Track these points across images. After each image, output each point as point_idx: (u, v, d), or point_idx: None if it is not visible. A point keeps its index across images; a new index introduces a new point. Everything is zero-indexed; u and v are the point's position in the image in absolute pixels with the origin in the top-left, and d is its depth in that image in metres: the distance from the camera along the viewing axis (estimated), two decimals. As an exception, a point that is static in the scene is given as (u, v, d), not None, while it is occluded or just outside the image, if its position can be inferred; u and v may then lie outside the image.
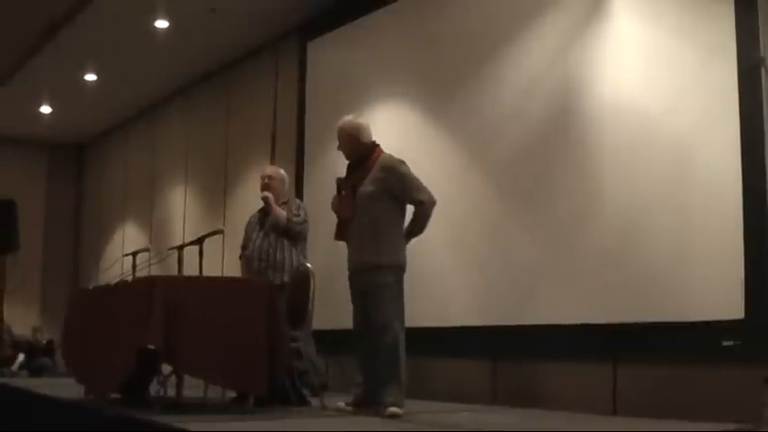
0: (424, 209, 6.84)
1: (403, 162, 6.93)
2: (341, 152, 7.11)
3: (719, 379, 6.45)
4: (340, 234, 7.00)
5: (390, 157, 6.98)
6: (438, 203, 6.94)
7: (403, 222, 6.91)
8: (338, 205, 6.96)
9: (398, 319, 6.73)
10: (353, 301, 6.99)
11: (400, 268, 6.85)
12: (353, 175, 6.96)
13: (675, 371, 6.79)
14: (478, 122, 8.78)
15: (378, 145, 7.06)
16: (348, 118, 7.19)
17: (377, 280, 6.73)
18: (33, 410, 8.23)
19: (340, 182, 6.99)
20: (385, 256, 6.74)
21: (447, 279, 8.83)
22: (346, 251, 7.01)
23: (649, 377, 6.99)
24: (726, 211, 6.55)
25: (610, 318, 7.26)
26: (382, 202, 6.79)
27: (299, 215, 7.87)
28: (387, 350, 6.63)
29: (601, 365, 7.35)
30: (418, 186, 6.84)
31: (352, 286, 6.99)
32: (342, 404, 6.91)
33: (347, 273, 7.00)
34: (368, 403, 6.79)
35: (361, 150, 6.99)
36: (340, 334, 7.47)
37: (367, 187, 6.82)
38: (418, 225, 6.89)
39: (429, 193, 6.84)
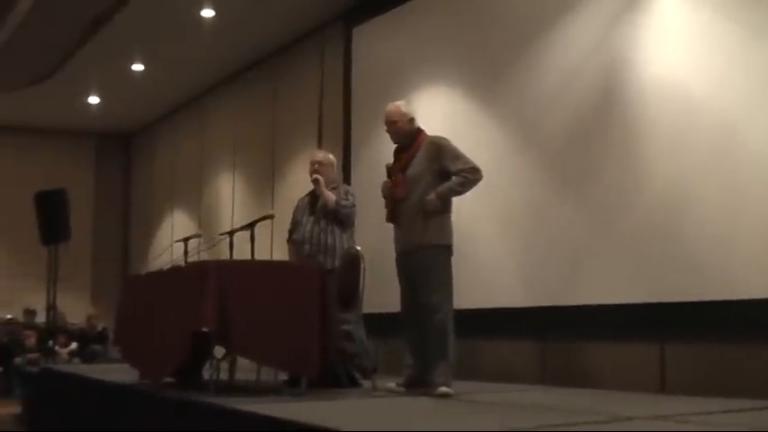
0: (471, 174, 6.86)
1: (447, 138, 7.05)
2: (388, 135, 7.20)
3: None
4: (391, 216, 7.08)
5: (434, 136, 7.09)
6: (484, 185, 6.99)
7: (451, 202, 6.97)
8: (389, 189, 7.04)
9: (448, 299, 6.81)
10: (401, 283, 7.06)
11: (449, 248, 6.93)
12: (402, 158, 7.06)
13: (723, 349, 6.81)
14: (524, 105, 8.82)
15: (422, 130, 7.17)
16: (397, 103, 7.29)
17: (427, 260, 6.82)
18: (89, 395, 8.36)
19: (389, 167, 7.09)
20: (434, 236, 6.83)
21: (495, 260, 8.88)
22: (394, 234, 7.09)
23: (697, 355, 7.01)
24: (772, 188, 6.56)
25: (657, 297, 7.30)
26: (430, 182, 6.86)
27: (347, 199, 7.91)
28: (436, 331, 6.72)
29: (648, 344, 7.38)
30: (465, 159, 6.91)
31: (400, 267, 7.07)
32: (393, 385, 6.99)
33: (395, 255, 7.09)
34: (418, 384, 6.86)
35: (408, 134, 7.09)
36: (390, 317, 7.52)
37: (415, 168, 6.92)
38: (460, 185, 6.88)
39: (475, 164, 6.89)
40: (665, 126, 7.41)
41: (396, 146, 7.19)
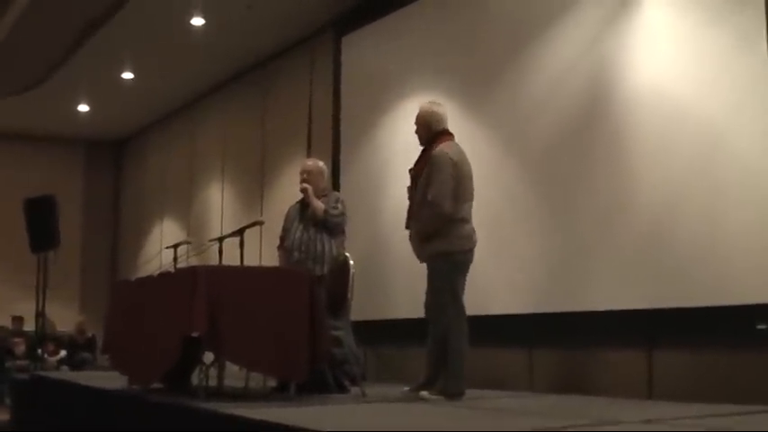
0: (430, 215, 6.77)
1: (445, 160, 6.78)
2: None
3: (755, 362, 6.51)
4: (407, 223, 7.08)
5: (439, 151, 6.85)
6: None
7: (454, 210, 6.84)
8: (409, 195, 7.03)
9: (444, 308, 6.80)
10: None
11: (447, 255, 6.81)
12: (419, 163, 6.99)
13: (711, 355, 6.84)
14: (513, 112, 8.85)
15: (442, 134, 7.01)
16: (425, 102, 7.24)
17: (429, 268, 6.86)
18: (79, 402, 8.36)
19: (411, 171, 7.06)
20: (432, 245, 6.83)
21: (484, 267, 8.85)
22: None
23: (685, 362, 7.05)
24: (759, 194, 6.60)
25: (645, 303, 7.33)
26: (422, 198, 6.82)
27: (336, 208, 7.93)
28: (439, 337, 6.80)
29: (637, 351, 7.41)
30: (436, 187, 6.71)
31: None
32: (406, 389, 7.03)
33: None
34: (427, 387, 6.87)
35: (428, 138, 7.01)
36: (378, 324, 7.53)
37: (421, 180, 6.86)
38: (428, 225, 6.82)
39: (440, 196, 6.69)
40: (651, 131, 7.45)
41: None
